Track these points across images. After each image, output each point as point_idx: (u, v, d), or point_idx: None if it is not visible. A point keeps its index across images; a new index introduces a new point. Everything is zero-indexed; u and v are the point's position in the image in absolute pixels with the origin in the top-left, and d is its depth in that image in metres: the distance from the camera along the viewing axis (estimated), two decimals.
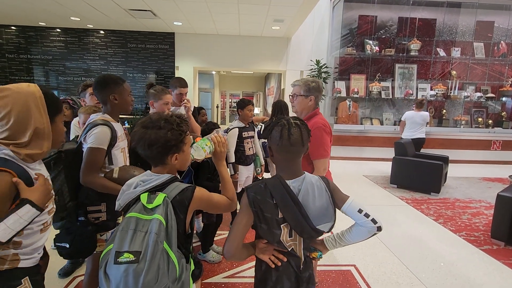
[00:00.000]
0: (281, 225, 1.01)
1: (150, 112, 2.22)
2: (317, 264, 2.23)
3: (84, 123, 2.05)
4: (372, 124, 7.11)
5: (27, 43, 7.12)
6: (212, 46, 7.35)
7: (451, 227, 3.30)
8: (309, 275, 1.09)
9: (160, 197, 0.97)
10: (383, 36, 7.14)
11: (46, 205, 1.00)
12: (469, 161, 6.84)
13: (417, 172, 4.53)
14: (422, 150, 5.57)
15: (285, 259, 1.04)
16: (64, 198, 1.45)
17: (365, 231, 1.02)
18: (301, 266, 1.07)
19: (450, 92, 7.11)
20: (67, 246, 1.45)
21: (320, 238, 1.14)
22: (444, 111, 7.28)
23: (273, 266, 1.04)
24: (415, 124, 5.24)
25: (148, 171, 1.09)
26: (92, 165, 1.44)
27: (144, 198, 0.98)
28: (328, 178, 1.11)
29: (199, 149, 1.16)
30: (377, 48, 6.98)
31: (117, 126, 1.59)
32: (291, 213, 0.99)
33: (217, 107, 13.42)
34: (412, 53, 6.97)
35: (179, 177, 1.12)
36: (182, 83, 2.53)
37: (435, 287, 2.21)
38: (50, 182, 1.08)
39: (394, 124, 7.09)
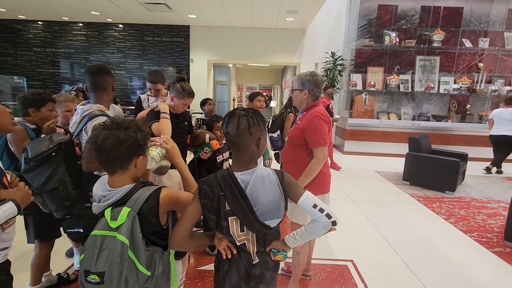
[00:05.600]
0: (229, 218, 1.01)
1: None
2: (312, 257, 2.22)
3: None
4: (389, 118, 6.85)
5: (52, 37, 7.49)
6: (226, 38, 7.35)
7: (462, 227, 3.14)
8: (261, 273, 1.07)
9: (124, 213, 0.95)
10: (404, 27, 6.80)
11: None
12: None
13: (432, 169, 4.34)
14: (441, 147, 5.32)
15: (235, 251, 1.05)
16: (67, 187, 1.50)
17: (321, 226, 1.00)
18: (254, 261, 1.06)
19: (476, 86, 6.69)
20: (81, 230, 1.50)
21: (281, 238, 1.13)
22: (468, 105, 6.88)
23: (225, 257, 1.06)
24: (503, 120, 5.08)
25: (105, 185, 1.04)
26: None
27: (108, 214, 0.96)
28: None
29: (149, 159, 1.14)
30: (397, 39, 6.67)
31: (111, 114, 1.65)
32: (238, 206, 0.99)
33: (233, 100, 13.49)
34: (435, 45, 6.60)
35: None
36: (152, 78, 2.48)
37: (433, 287, 2.14)
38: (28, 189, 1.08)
39: (413, 119, 6.80)
